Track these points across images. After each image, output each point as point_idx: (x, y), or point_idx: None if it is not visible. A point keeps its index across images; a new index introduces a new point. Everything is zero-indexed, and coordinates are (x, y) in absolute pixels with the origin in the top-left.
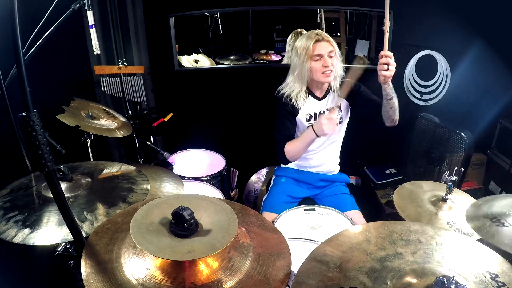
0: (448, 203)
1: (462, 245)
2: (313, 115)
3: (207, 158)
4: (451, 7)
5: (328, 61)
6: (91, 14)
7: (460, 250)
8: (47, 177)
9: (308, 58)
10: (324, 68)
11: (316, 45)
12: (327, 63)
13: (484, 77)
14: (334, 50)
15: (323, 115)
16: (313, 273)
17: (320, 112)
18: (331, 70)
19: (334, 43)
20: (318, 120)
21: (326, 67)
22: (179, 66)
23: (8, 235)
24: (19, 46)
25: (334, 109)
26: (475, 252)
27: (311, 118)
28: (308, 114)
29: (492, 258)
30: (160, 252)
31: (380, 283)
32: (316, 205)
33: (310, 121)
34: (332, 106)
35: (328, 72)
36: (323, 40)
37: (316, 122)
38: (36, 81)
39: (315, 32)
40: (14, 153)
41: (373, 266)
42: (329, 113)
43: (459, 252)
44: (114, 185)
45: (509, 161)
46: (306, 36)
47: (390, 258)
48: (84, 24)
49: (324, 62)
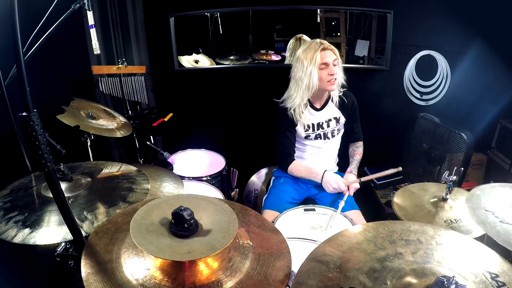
0: (449, 203)
1: (462, 245)
2: (310, 126)
3: (207, 158)
4: (451, 7)
5: (333, 69)
6: (91, 14)
7: (460, 249)
8: (47, 177)
9: (316, 68)
10: (330, 77)
11: (322, 54)
12: (333, 71)
13: (484, 77)
14: (338, 59)
15: (338, 181)
16: (313, 273)
17: (318, 123)
18: (335, 78)
19: (337, 51)
20: (330, 178)
21: (332, 75)
22: (179, 66)
23: (8, 235)
24: (19, 46)
25: (343, 189)
26: (475, 251)
27: (309, 129)
28: (306, 125)
29: (492, 257)
30: (160, 253)
31: (380, 283)
32: (316, 205)
33: (308, 131)
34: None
35: (333, 80)
36: (327, 49)
37: (328, 177)
38: (36, 81)
39: (318, 41)
40: (14, 153)
41: (373, 266)
42: (341, 185)
43: (459, 252)
44: (114, 185)
45: (509, 161)
46: (310, 46)
47: (390, 258)
48: (84, 24)
49: (330, 71)
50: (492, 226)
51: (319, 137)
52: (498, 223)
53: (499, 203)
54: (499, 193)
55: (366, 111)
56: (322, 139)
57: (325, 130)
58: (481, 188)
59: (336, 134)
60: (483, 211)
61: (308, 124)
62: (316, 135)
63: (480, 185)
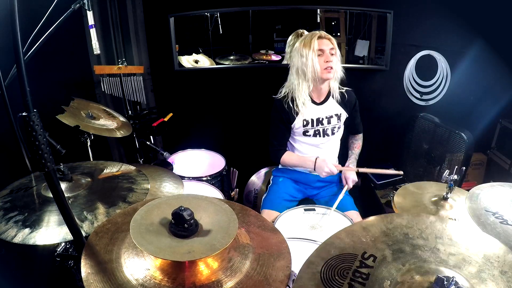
0: (449, 202)
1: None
2: (309, 121)
3: (207, 158)
4: (451, 7)
5: (329, 57)
6: (91, 14)
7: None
8: (47, 177)
9: (312, 53)
10: (326, 64)
11: (319, 41)
12: (329, 58)
13: (484, 77)
14: (335, 49)
15: (329, 165)
16: (352, 234)
17: (318, 119)
18: (332, 67)
19: (335, 42)
20: (322, 163)
21: (328, 62)
22: (179, 66)
23: (8, 235)
24: (19, 46)
25: (335, 170)
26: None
27: (308, 124)
28: (305, 121)
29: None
30: (160, 253)
31: (398, 264)
32: (316, 205)
33: (307, 127)
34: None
35: (329, 68)
36: (324, 37)
37: (321, 162)
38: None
39: (317, 31)
40: (14, 153)
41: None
42: (334, 168)
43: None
44: (114, 185)
45: (509, 161)
46: (307, 36)
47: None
48: (84, 24)
49: (326, 58)
50: (492, 227)
51: (318, 134)
52: (498, 224)
53: (499, 203)
54: (499, 193)
55: (366, 111)
56: (321, 136)
57: (325, 126)
58: (481, 187)
59: (336, 132)
60: (483, 211)
61: (307, 119)
62: (315, 132)
63: (479, 185)
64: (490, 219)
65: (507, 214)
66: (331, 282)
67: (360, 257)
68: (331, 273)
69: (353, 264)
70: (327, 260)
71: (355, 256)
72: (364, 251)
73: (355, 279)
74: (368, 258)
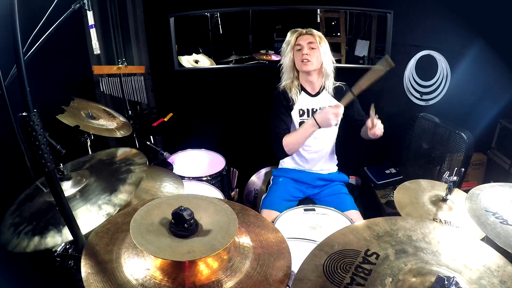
0: (449, 204)
1: (463, 244)
2: (305, 111)
3: (207, 158)
4: (451, 7)
5: (305, 51)
6: (91, 14)
7: (461, 249)
8: (47, 177)
9: (291, 49)
10: (302, 56)
11: (298, 38)
12: (305, 51)
13: (484, 77)
14: (316, 43)
15: (329, 108)
16: (357, 231)
17: (313, 109)
18: (308, 60)
19: (318, 37)
20: (322, 112)
21: (303, 54)
22: (179, 66)
23: (21, 247)
24: (19, 46)
25: (339, 106)
26: (476, 251)
27: (304, 114)
28: (301, 110)
29: (493, 257)
30: (160, 253)
31: (400, 263)
32: (316, 205)
33: (303, 117)
34: (325, 106)
35: (305, 61)
36: (306, 34)
37: (319, 114)
38: (36, 81)
39: (302, 29)
40: (15, 155)
41: (407, 249)
42: (335, 107)
43: (460, 252)
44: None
45: (509, 161)
46: (291, 32)
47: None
48: (84, 24)
49: (303, 51)
50: (492, 228)
51: None
52: (498, 224)
53: (499, 203)
54: (499, 193)
55: (366, 111)
56: None
57: None
58: (481, 187)
59: None
60: (483, 212)
61: (302, 109)
62: None
63: (479, 185)
64: (490, 219)
65: (507, 214)
66: (333, 275)
67: (363, 253)
68: (334, 266)
69: (356, 259)
70: (331, 254)
71: (358, 252)
72: (368, 249)
73: (357, 274)
74: (371, 255)
